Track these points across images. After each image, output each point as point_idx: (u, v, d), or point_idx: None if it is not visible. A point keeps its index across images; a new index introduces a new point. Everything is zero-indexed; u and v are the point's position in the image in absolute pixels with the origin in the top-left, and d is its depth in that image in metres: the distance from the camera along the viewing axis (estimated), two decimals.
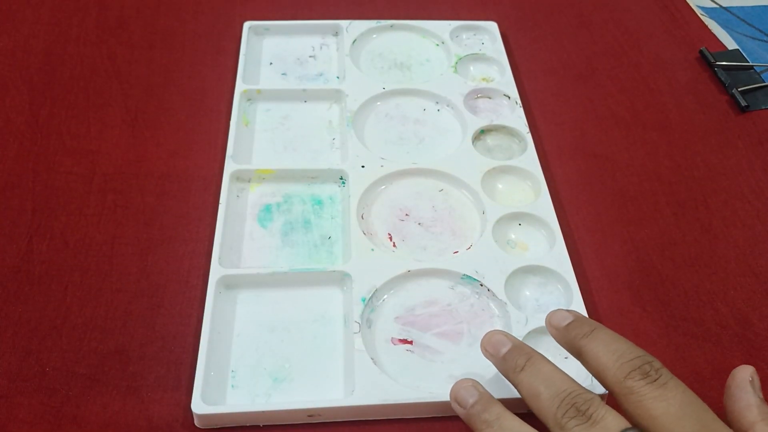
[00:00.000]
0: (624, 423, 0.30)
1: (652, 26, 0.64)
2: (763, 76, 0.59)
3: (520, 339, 0.40)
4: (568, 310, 0.36)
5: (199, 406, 0.36)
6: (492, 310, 0.42)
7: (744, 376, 0.34)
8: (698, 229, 0.48)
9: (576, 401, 0.31)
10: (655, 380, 0.30)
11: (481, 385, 0.35)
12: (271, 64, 0.58)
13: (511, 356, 0.35)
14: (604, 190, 0.50)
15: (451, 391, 0.35)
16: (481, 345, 0.37)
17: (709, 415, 0.29)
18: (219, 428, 0.37)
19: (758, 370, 0.39)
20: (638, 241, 0.47)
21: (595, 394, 0.31)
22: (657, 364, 0.31)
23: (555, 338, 0.36)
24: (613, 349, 0.32)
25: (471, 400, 0.34)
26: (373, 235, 0.46)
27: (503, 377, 0.35)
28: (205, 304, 0.41)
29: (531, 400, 0.32)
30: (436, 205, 0.48)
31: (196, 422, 0.37)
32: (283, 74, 0.57)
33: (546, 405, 0.31)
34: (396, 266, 0.43)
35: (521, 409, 0.34)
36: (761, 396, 0.33)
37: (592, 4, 0.66)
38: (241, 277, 0.43)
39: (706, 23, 0.64)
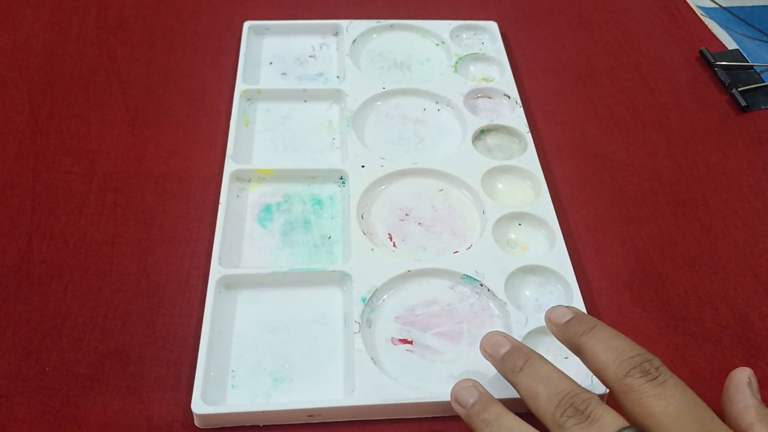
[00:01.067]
0: (622, 422, 0.30)
1: (652, 26, 0.64)
2: (763, 75, 0.59)
3: (521, 339, 0.40)
4: (567, 307, 0.36)
5: (199, 406, 0.36)
6: (492, 309, 0.42)
7: (741, 377, 0.34)
8: (698, 229, 0.48)
9: (574, 401, 0.31)
10: (654, 378, 0.30)
11: (481, 385, 0.35)
12: (271, 63, 0.58)
13: (509, 357, 0.35)
14: (604, 189, 0.50)
15: (452, 391, 0.35)
16: (480, 346, 0.37)
17: (708, 414, 0.29)
18: (219, 428, 0.37)
19: (758, 370, 0.39)
20: (638, 240, 0.47)
21: (593, 393, 0.31)
22: (657, 362, 0.31)
23: (554, 335, 0.35)
24: (612, 346, 0.32)
25: (471, 400, 0.34)
26: (373, 234, 0.46)
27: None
28: (205, 304, 0.41)
29: (530, 401, 0.32)
30: (436, 204, 0.48)
31: (196, 422, 0.37)
32: (283, 74, 0.57)
33: (544, 405, 0.31)
34: (396, 266, 0.43)
35: (521, 409, 0.34)
36: (759, 397, 0.33)
37: (592, 3, 0.66)
38: (241, 277, 0.43)
39: (706, 23, 0.64)
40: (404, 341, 0.41)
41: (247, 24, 0.60)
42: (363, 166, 0.49)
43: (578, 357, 0.34)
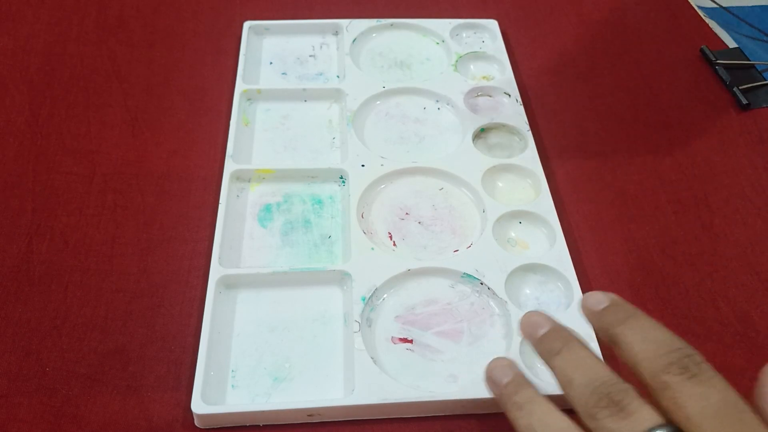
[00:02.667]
0: (658, 419, 0.27)
1: (653, 24, 0.64)
2: (764, 74, 0.59)
3: (521, 339, 0.40)
4: (605, 293, 0.32)
5: (199, 406, 0.36)
6: (492, 308, 0.42)
7: None
8: (699, 228, 0.48)
9: (611, 390, 0.28)
10: (694, 376, 0.27)
11: (516, 365, 0.33)
12: (271, 63, 0.58)
13: (547, 339, 0.32)
14: (604, 188, 0.50)
15: (487, 369, 0.33)
16: (520, 324, 0.34)
17: (749, 416, 0.26)
18: (219, 428, 0.37)
19: (760, 368, 0.39)
20: (639, 239, 0.47)
21: (630, 385, 0.29)
22: (698, 357, 0.28)
23: (589, 322, 0.33)
24: (650, 338, 0.29)
25: (505, 380, 0.32)
26: (373, 234, 0.46)
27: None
28: (205, 304, 0.41)
29: (564, 386, 0.30)
30: (436, 203, 0.48)
31: (196, 422, 0.37)
32: (283, 74, 0.57)
33: (578, 392, 0.29)
34: (396, 265, 0.43)
35: None
36: None
37: (592, 2, 0.66)
38: (241, 276, 0.43)
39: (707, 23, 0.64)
40: (404, 340, 0.41)
41: (247, 24, 0.60)
42: (363, 166, 0.49)
43: (613, 348, 0.31)
